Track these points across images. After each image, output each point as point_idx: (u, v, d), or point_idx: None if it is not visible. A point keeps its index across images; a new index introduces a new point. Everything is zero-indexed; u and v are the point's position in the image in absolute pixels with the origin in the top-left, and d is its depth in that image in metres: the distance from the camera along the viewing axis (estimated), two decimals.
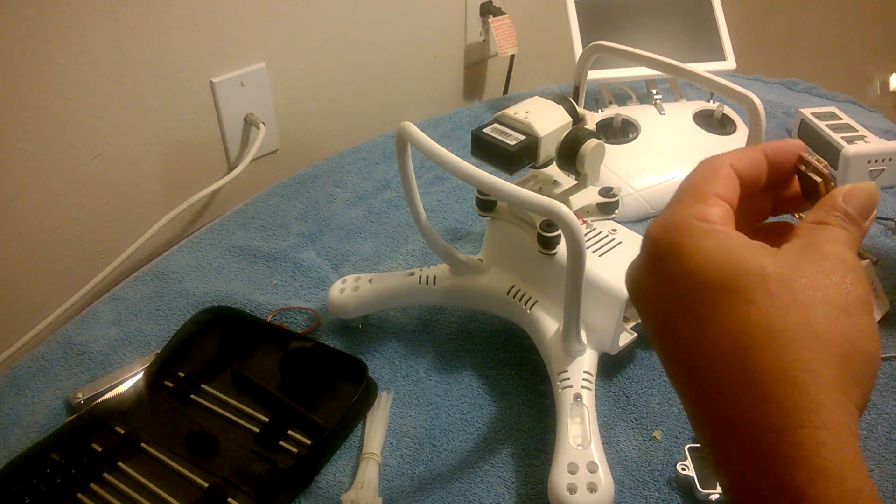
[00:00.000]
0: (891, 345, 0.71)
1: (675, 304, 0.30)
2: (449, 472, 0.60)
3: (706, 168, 0.33)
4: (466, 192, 0.95)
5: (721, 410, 0.28)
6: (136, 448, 0.62)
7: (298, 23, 0.99)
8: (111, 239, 0.88)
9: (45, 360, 0.72)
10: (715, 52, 0.98)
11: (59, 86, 0.78)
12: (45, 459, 0.60)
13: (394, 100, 1.18)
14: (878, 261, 0.81)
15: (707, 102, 1.01)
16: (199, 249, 0.86)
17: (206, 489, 0.58)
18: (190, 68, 0.90)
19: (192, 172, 0.95)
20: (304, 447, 0.61)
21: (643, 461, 0.60)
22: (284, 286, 0.80)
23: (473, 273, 0.68)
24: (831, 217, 0.32)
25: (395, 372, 0.69)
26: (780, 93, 1.23)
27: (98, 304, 0.79)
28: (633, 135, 0.95)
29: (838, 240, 0.30)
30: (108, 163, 0.86)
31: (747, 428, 0.27)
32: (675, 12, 1.01)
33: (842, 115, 1.02)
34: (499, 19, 1.21)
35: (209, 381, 0.68)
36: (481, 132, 0.59)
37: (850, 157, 0.92)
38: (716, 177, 0.33)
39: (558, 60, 1.38)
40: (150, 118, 0.88)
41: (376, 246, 0.87)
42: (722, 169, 0.33)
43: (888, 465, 0.60)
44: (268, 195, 0.96)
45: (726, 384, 0.28)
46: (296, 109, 1.05)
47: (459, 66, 1.28)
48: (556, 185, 0.63)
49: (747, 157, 0.34)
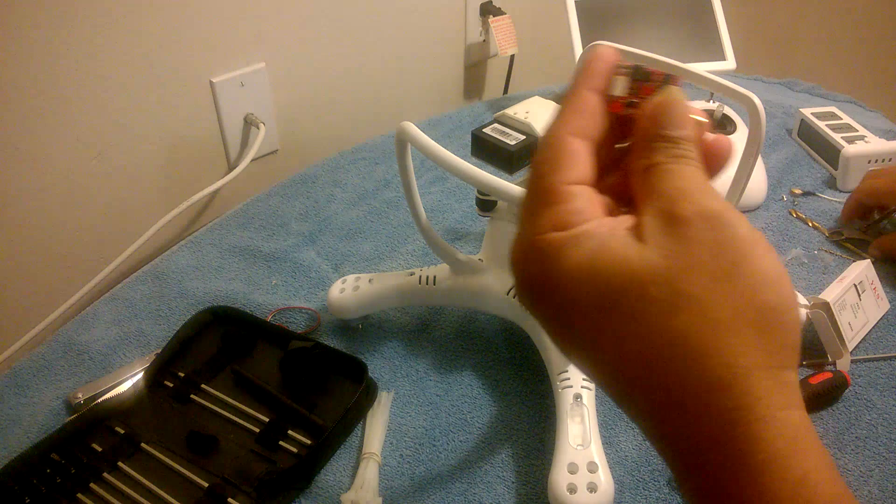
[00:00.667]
0: (891, 345, 0.72)
1: (564, 333, 0.28)
2: (449, 472, 0.60)
3: (547, 152, 0.29)
4: (466, 192, 0.95)
5: (655, 430, 0.27)
6: (136, 448, 0.62)
7: (298, 23, 0.99)
8: (111, 239, 0.88)
9: (45, 360, 0.72)
10: (715, 52, 0.98)
11: (59, 86, 0.78)
12: (45, 459, 0.60)
13: (394, 100, 1.18)
14: (876, 260, 0.81)
15: (707, 102, 1.01)
16: (199, 249, 0.86)
17: (206, 489, 0.58)
18: (190, 68, 0.90)
19: (192, 172, 0.95)
20: (304, 447, 0.61)
21: (643, 461, 0.60)
22: (284, 286, 0.80)
23: (473, 273, 0.68)
24: (659, 154, 0.28)
25: (395, 372, 0.69)
26: (780, 93, 1.23)
27: (98, 304, 0.79)
28: None
29: (684, 187, 0.27)
30: (108, 163, 0.86)
31: (685, 443, 0.25)
32: (675, 12, 1.01)
33: (842, 115, 1.02)
34: (499, 19, 1.21)
35: (209, 381, 0.68)
36: (481, 132, 0.59)
37: (850, 157, 0.92)
38: (560, 160, 0.29)
39: (558, 60, 1.38)
40: (150, 118, 0.88)
41: (376, 246, 0.87)
42: (564, 146, 0.29)
43: (888, 465, 0.60)
44: (268, 195, 0.96)
45: (653, 405, 0.26)
46: (296, 109, 1.05)
47: (459, 66, 1.28)
48: None
49: (580, 111, 0.30)
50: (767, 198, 0.93)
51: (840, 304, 0.69)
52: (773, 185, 0.95)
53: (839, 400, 0.66)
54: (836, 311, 0.68)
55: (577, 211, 0.28)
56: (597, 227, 0.27)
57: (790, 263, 0.82)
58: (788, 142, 1.06)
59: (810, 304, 0.68)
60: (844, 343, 0.68)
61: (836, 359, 0.68)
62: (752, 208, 0.92)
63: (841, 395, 0.66)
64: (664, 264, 0.25)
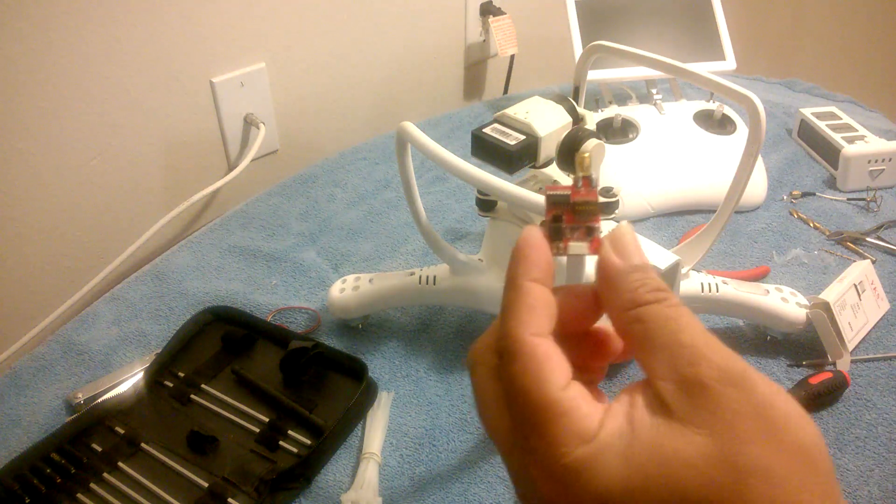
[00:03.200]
0: (891, 345, 0.72)
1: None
2: (449, 472, 0.60)
3: (523, 363, 0.26)
4: (466, 192, 0.95)
5: None
6: (136, 448, 0.62)
7: (298, 23, 0.99)
8: (111, 239, 0.88)
9: (45, 360, 0.72)
10: (715, 52, 0.98)
11: (59, 86, 0.78)
12: (45, 459, 0.60)
13: (394, 100, 1.18)
14: (876, 260, 0.81)
15: (707, 102, 1.01)
16: (199, 249, 0.86)
17: (206, 489, 0.58)
18: (190, 68, 0.90)
19: (192, 172, 0.95)
20: (304, 447, 0.61)
21: None
22: (284, 286, 0.80)
23: (473, 273, 0.68)
24: (642, 292, 0.27)
25: (395, 372, 0.69)
26: (780, 93, 1.23)
27: (98, 304, 0.79)
28: (633, 135, 0.95)
29: (694, 344, 0.25)
30: (108, 163, 0.86)
31: None
32: (675, 12, 1.01)
33: (842, 115, 1.02)
34: (499, 19, 1.21)
35: (209, 381, 0.68)
36: (481, 132, 0.59)
37: (849, 157, 0.92)
38: (544, 369, 0.26)
39: (558, 60, 1.37)
40: (150, 118, 0.88)
41: (376, 246, 0.87)
42: (537, 353, 0.26)
43: (888, 465, 0.60)
44: (268, 195, 0.96)
45: None
46: (296, 109, 1.05)
47: (459, 66, 1.28)
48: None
49: (532, 307, 0.27)
50: (767, 198, 0.93)
51: (840, 304, 0.69)
52: (773, 185, 0.95)
53: (839, 400, 0.66)
54: (836, 311, 0.68)
55: (588, 414, 0.25)
56: (616, 422, 0.25)
57: (790, 263, 0.82)
58: (788, 142, 1.06)
59: (810, 304, 0.68)
60: (844, 343, 0.68)
61: (836, 359, 0.68)
62: (752, 208, 0.92)
63: (841, 395, 0.66)
64: (716, 445, 0.24)
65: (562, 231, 0.28)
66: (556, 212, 0.29)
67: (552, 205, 0.29)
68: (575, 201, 0.28)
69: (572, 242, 0.28)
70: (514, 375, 0.26)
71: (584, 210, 0.28)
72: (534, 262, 0.28)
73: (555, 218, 0.29)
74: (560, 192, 0.28)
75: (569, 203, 0.28)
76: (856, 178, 0.93)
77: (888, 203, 0.91)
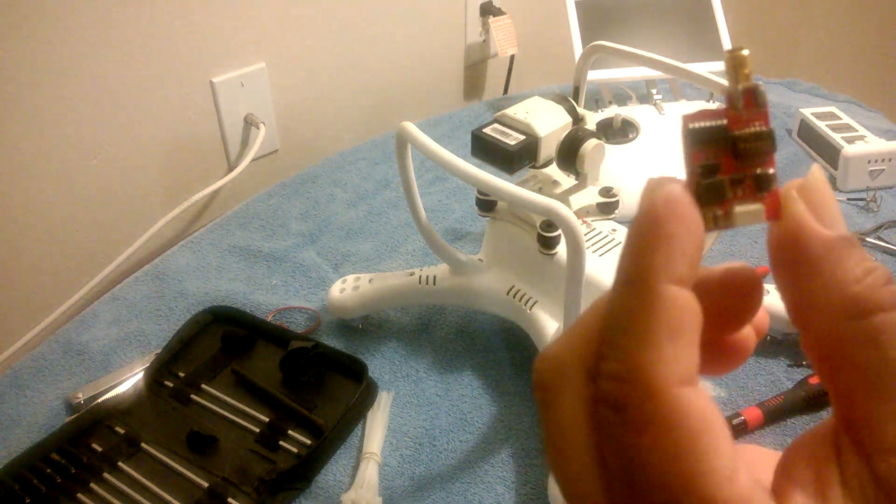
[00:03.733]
0: None
1: None
2: (449, 472, 0.60)
3: (672, 441, 0.16)
4: (466, 192, 0.95)
5: None
6: (136, 448, 0.62)
7: (298, 23, 0.99)
8: (111, 239, 0.88)
9: (45, 360, 0.72)
10: (715, 52, 0.98)
11: (59, 86, 0.78)
12: (45, 459, 0.60)
13: (394, 100, 1.18)
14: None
15: (707, 102, 1.01)
16: (199, 249, 0.86)
17: (206, 489, 0.58)
18: (190, 68, 0.90)
19: (192, 172, 0.95)
20: (304, 447, 0.61)
21: None
22: (284, 286, 0.80)
23: (473, 273, 0.68)
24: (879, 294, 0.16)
25: (395, 372, 0.69)
26: (780, 93, 1.23)
27: (98, 304, 0.79)
28: (633, 135, 0.95)
29: None
30: (108, 163, 0.86)
31: None
32: (675, 12, 1.01)
33: (842, 115, 1.02)
34: (499, 19, 1.21)
35: (209, 381, 0.68)
36: (481, 132, 0.59)
37: (849, 158, 0.92)
38: (699, 446, 0.16)
39: (558, 60, 1.37)
40: (150, 118, 0.88)
41: (376, 246, 0.87)
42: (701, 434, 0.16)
43: None
44: (268, 195, 0.96)
45: None
46: (296, 109, 1.05)
47: (459, 66, 1.28)
48: (556, 185, 0.63)
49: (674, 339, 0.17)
50: None
51: None
52: None
53: None
54: None
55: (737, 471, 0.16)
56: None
57: None
58: (788, 142, 1.06)
59: None
60: None
61: None
62: None
63: None
64: None
65: (721, 188, 0.18)
66: (709, 157, 0.18)
67: (700, 144, 0.18)
68: (738, 134, 0.18)
69: (738, 206, 0.18)
70: (647, 449, 0.16)
71: (752, 148, 0.18)
72: (681, 247, 0.17)
73: (706, 168, 0.18)
74: (711, 123, 0.18)
75: (727, 137, 0.18)
76: (856, 179, 0.93)
77: (888, 203, 0.91)
